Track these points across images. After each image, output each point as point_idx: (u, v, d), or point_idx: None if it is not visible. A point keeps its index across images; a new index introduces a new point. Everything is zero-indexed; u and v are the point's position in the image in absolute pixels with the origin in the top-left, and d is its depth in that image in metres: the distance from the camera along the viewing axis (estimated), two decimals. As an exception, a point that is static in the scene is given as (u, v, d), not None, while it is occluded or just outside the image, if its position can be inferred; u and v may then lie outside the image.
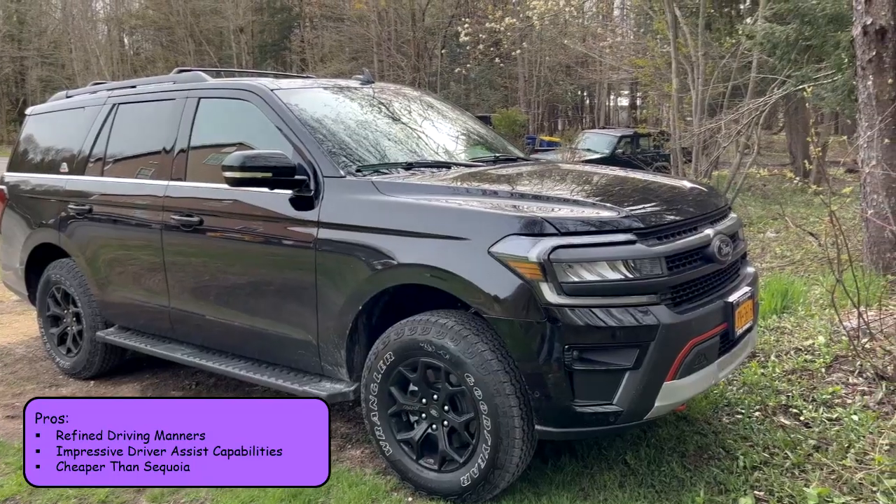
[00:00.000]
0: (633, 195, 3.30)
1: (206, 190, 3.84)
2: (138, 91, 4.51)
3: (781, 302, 5.44)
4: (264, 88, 3.77)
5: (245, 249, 3.71)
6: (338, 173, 3.39)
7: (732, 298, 3.16)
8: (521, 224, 2.83)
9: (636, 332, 2.77)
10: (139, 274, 4.30)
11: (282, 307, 3.57)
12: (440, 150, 3.95)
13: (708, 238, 3.13)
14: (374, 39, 32.43)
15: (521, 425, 2.89)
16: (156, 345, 4.28)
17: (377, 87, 4.35)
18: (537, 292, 2.75)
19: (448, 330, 2.97)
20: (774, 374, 4.40)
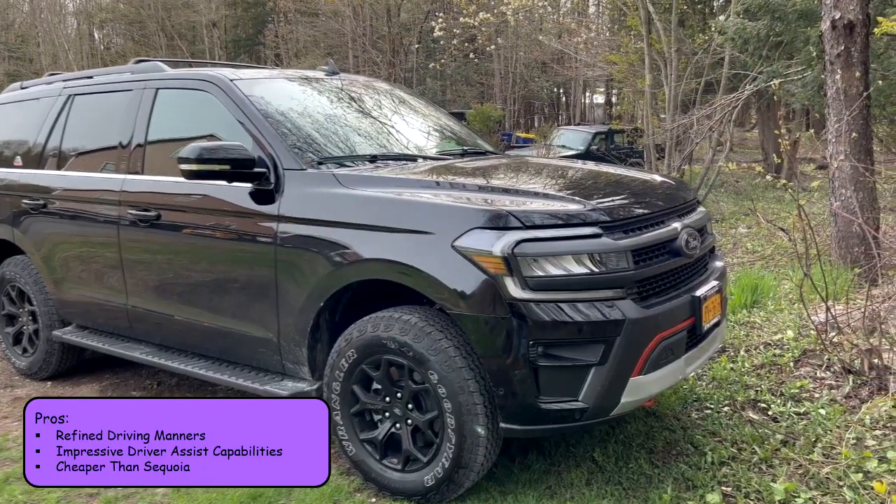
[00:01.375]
0: (600, 189, 3.25)
1: (164, 184, 3.72)
2: (95, 82, 4.36)
3: (751, 297, 5.45)
4: (224, 79, 3.66)
5: (203, 244, 3.60)
6: (299, 166, 3.29)
7: (700, 293, 3.12)
8: (485, 217, 2.76)
9: (602, 327, 2.72)
10: (96, 271, 4.16)
11: (241, 304, 3.47)
12: (407, 143, 3.87)
13: (675, 232, 3.09)
14: (350, 35, 32.19)
15: (486, 423, 2.83)
16: (114, 344, 4.15)
17: (343, 78, 4.26)
18: (502, 287, 2.69)
19: (412, 326, 2.90)
20: (744, 368, 4.38)
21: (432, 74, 33.60)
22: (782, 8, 7.58)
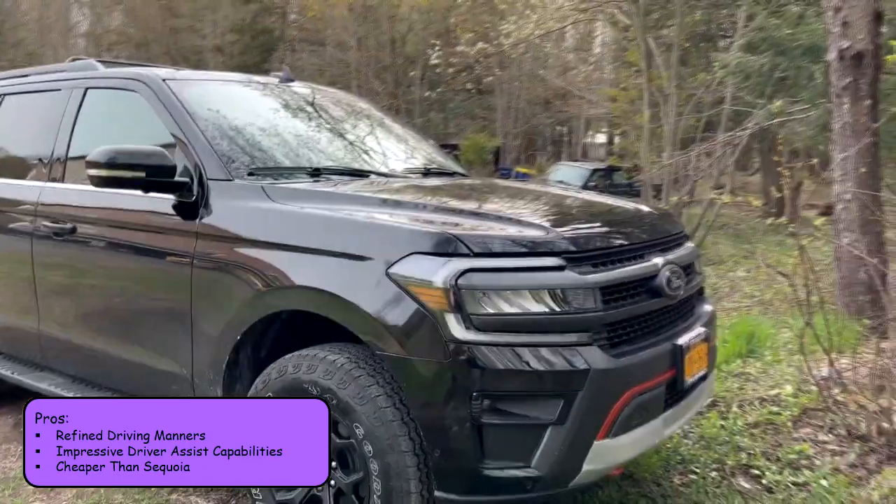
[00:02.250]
0: (570, 215, 2.80)
1: (80, 194, 3.29)
2: (26, 81, 3.96)
3: (746, 345, 4.96)
4: (154, 78, 3.25)
5: (116, 264, 3.16)
6: (225, 176, 2.86)
7: (683, 341, 2.65)
8: (427, 240, 2.31)
9: (561, 379, 2.26)
10: (9, 290, 3.71)
11: (153, 334, 3.02)
12: (359, 158, 3.44)
13: (655, 268, 2.63)
14: (354, 65, 32.16)
15: (419, 490, 2.34)
16: (24, 373, 3.67)
17: (297, 85, 3.85)
18: (442, 325, 2.23)
19: (337, 369, 2.43)
20: (736, 427, 3.88)
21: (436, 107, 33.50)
22: (786, 42, 7.25)
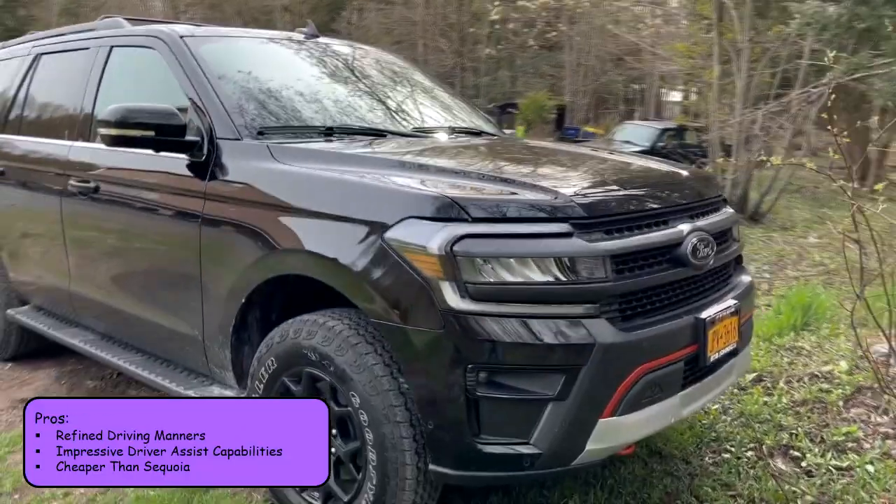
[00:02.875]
0: (588, 178, 2.61)
1: (102, 152, 3.29)
2: (60, 40, 3.98)
3: (802, 317, 4.65)
4: (172, 35, 3.19)
5: (133, 222, 3.16)
6: (234, 135, 2.79)
7: (707, 314, 2.45)
8: (423, 204, 2.19)
9: (563, 353, 2.11)
10: (44, 248, 3.80)
11: (168, 294, 3.02)
12: (379, 117, 3.31)
13: (680, 235, 2.43)
14: (420, 23, 31.72)
15: (415, 462, 2.26)
16: (59, 328, 3.77)
17: (322, 41, 3.73)
18: (436, 293, 2.11)
19: (335, 335, 2.35)
20: (780, 404, 3.65)
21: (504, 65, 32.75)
22: (868, -11, 6.64)
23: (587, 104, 33.03)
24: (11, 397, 3.87)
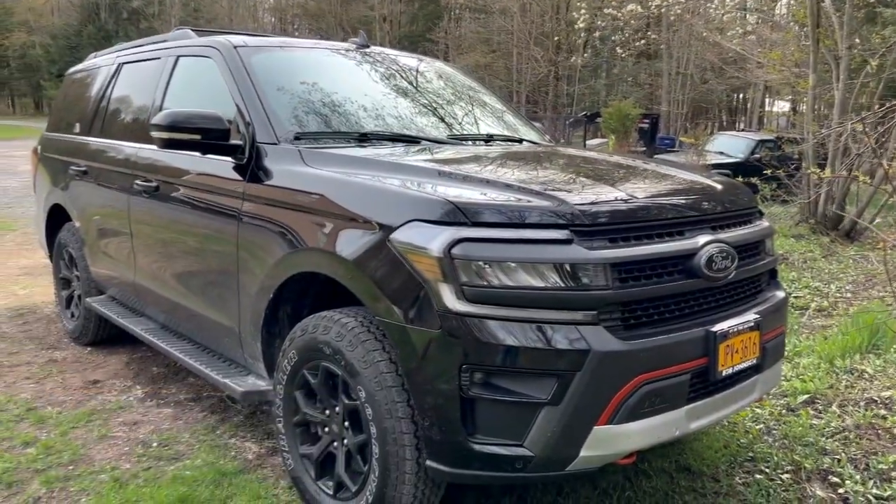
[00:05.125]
0: (599, 185, 2.59)
1: (161, 154, 3.55)
2: (138, 50, 4.32)
3: (869, 339, 4.39)
4: (227, 45, 3.41)
5: (184, 219, 3.38)
6: (272, 140, 2.95)
7: (719, 327, 2.39)
8: (426, 207, 2.26)
9: (555, 357, 2.13)
10: (116, 242, 4.11)
11: (211, 287, 3.22)
12: (416, 124, 3.40)
13: (695, 246, 2.39)
14: (515, 32, 31.79)
15: (415, 458, 2.33)
16: (125, 317, 4.08)
17: (371, 51, 3.87)
18: (435, 295, 2.17)
19: (348, 332, 2.46)
20: (829, 428, 3.49)
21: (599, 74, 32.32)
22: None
23: (684, 114, 32.09)
24: (85, 378, 4.20)
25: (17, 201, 11.36)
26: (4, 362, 4.45)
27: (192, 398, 3.91)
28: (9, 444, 3.34)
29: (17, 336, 4.96)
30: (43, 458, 3.19)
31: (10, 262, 7.20)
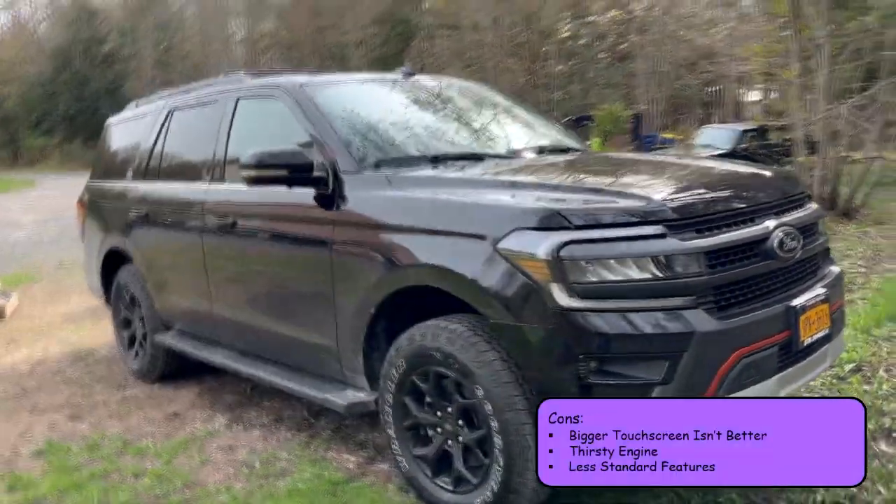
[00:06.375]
0: (674, 183, 2.85)
1: (238, 191, 3.77)
2: (189, 96, 4.54)
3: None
4: (293, 84, 3.65)
5: (270, 251, 3.60)
6: (355, 169, 3.19)
7: (797, 302, 2.66)
8: (529, 216, 2.50)
9: (665, 341, 2.37)
10: (186, 278, 4.31)
11: (304, 310, 3.43)
12: (476, 142, 3.66)
13: (766, 231, 2.65)
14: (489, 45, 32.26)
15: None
16: (201, 349, 4.27)
17: (418, 79, 4.13)
18: (547, 294, 2.41)
19: (458, 337, 2.68)
20: (881, 391, 3.75)
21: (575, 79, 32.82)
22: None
23: (662, 111, 32.68)
24: (165, 412, 4.38)
25: (30, 252, 11.47)
26: (82, 403, 4.62)
27: (274, 420, 4.10)
28: (119, 476, 3.52)
29: (84, 379, 5.12)
30: (158, 485, 3.38)
31: (49, 310, 7.34)
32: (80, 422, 4.30)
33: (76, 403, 4.62)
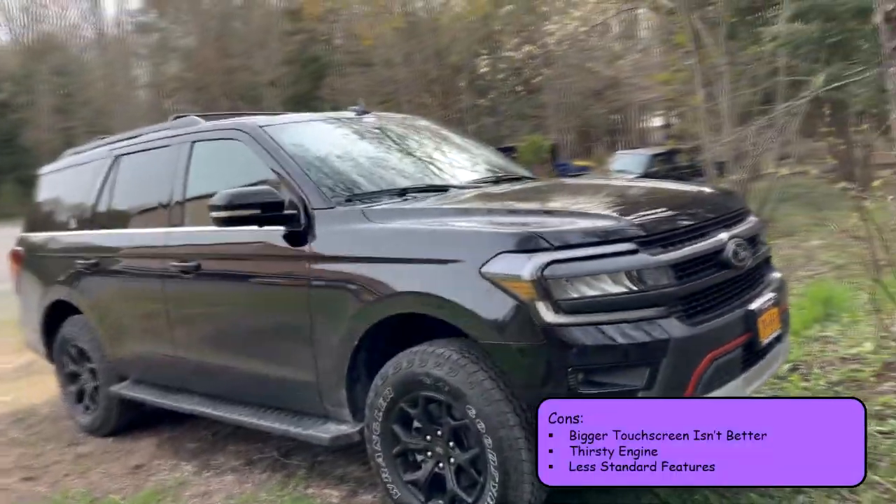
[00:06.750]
0: (635, 203, 3.09)
1: (201, 234, 3.77)
2: (137, 141, 4.50)
3: (824, 310, 5.09)
4: (253, 125, 3.70)
5: (240, 291, 3.61)
6: (327, 204, 3.26)
7: (754, 306, 2.91)
8: (512, 240, 2.65)
9: (645, 349, 2.55)
10: (145, 325, 4.23)
11: (280, 348, 3.44)
12: (437, 175, 3.80)
13: (721, 243, 2.90)
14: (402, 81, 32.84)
15: (531, 458, 2.67)
16: (164, 396, 4.18)
17: (371, 116, 4.25)
18: (534, 312, 2.56)
19: (445, 360, 2.78)
20: (819, 387, 4.07)
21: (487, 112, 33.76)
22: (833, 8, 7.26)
23: (573, 140, 34.03)
24: (126, 465, 4.24)
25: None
26: (34, 464, 4.41)
27: (245, 463, 4.05)
28: (94, 533, 3.40)
29: (31, 440, 4.89)
30: (140, 538, 3.29)
31: (-27, 372, 6.94)
32: (36, 483, 4.12)
33: (27, 465, 4.42)
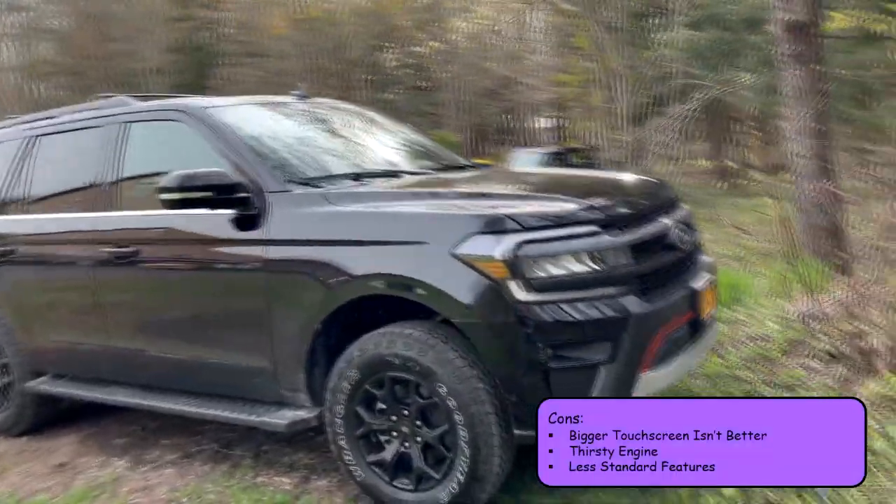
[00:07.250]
0: (587, 189, 3.25)
1: (140, 218, 3.61)
2: (58, 122, 4.24)
3: (731, 294, 5.51)
4: (197, 106, 3.59)
5: (186, 277, 3.49)
6: (284, 188, 3.23)
7: (697, 285, 3.14)
8: (484, 222, 2.74)
9: (608, 325, 2.71)
10: (71, 315, 4.00)
11: (233, 334, 3.36)
12: (386, 161, 3.84)
13: (667, 227, 3.11)
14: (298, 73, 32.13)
15: (499, 432, 2.77)
16: (93, 390, 3.97)
17: (313, 101, 4.22)
18: (506, 291, 2.66)
19: (415, 340, 2.83)
20: (733, 363, 4.42)
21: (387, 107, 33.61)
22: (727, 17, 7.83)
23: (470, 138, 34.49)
24: (48, 464, 4.00)
25: None
26: (-60, 469, 4.07)
27: (183, 456, 3.92)
28: (29, 534, 3.20)
29: (-70, 443, 4.49)
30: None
31: None
32: (-53, 488, 3.81)
33: (-69, 469, 4.07)
